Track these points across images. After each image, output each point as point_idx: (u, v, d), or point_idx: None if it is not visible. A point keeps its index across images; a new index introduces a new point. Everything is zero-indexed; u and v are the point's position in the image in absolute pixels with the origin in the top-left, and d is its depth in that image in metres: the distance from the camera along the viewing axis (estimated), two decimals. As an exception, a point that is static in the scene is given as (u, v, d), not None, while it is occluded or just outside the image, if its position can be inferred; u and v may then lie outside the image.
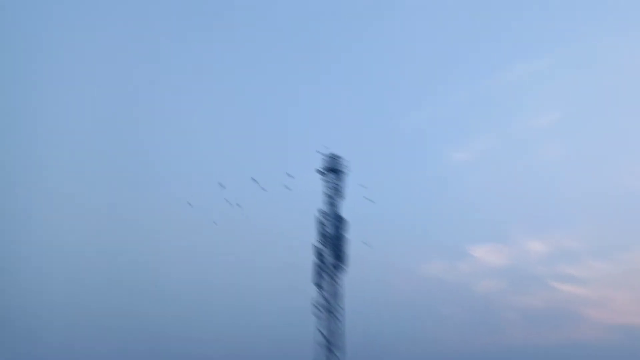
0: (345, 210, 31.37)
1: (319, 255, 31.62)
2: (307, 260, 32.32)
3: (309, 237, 32.45)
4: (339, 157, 32.23)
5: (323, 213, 31.89)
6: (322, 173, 32.24)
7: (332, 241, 31.36)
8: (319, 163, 32.02)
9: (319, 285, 31.38)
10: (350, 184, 31.39)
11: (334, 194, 31.94)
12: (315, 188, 32.18)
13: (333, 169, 32.04)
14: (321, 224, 31.78)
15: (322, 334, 30.60)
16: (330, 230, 31.55)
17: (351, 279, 32.32)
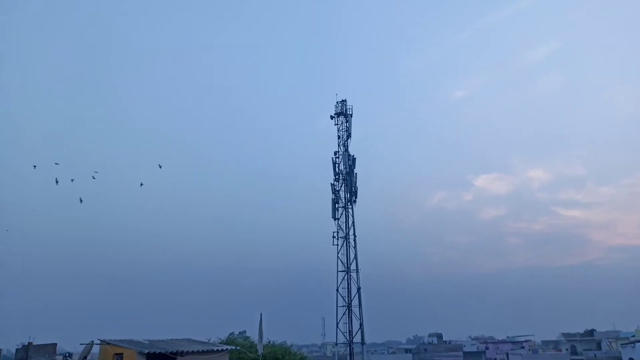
0: (354, 149, 35.92)
1: (335, 191, 36.94)
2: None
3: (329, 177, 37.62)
4: (345, 101, 36.58)
5: (336, 153, 36.91)
6: (333, 118, 37.01)
7: (345, 178, 36.40)
8: (332, 109, 36.77)
9: (336, 218, 36.89)
10: (357, 125, 35.24)
11: (344, 135, 36.63)
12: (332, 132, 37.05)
13: (342, 113, 36.58)
14: (335, 163, 36.87)
15: (340, 259, 36.37)
16: (342, 168, 36.57)
17: (363, 211, 37.16)
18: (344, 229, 36.34)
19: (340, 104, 36.54)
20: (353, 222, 36.30)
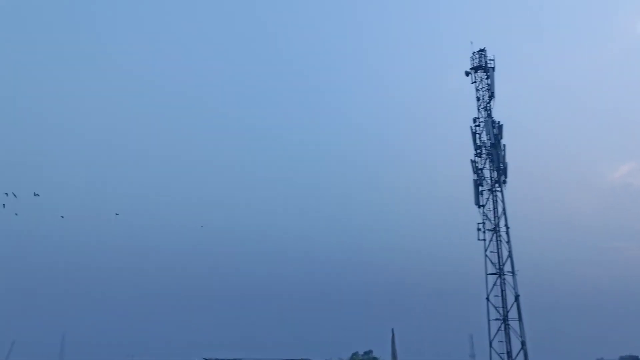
0: (499, 113, 29.24)
1: (477, 170, 30.94)
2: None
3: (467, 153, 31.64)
4: (484, 51, 29.99)
5: (475, 120, 30.74)
6: (468, 74, 30.78)
7: (489, 151, 30.14)
8: (465, 63, 30.58)
9: (480, 205, 30.93)
10: (501, 82, 28.65)
11: (485, 95, 30.22)
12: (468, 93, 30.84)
13: (481, 67, 30.22)
14: (474, 133, 30.79)
15: (489, 258, 30.41)
16: (485, 139, 30.34)
17: (515, 195, 30.44)
18: (492, 219, 30.22)
19: (477, 55, 30.07)
20: (504, 209, 29.85)
